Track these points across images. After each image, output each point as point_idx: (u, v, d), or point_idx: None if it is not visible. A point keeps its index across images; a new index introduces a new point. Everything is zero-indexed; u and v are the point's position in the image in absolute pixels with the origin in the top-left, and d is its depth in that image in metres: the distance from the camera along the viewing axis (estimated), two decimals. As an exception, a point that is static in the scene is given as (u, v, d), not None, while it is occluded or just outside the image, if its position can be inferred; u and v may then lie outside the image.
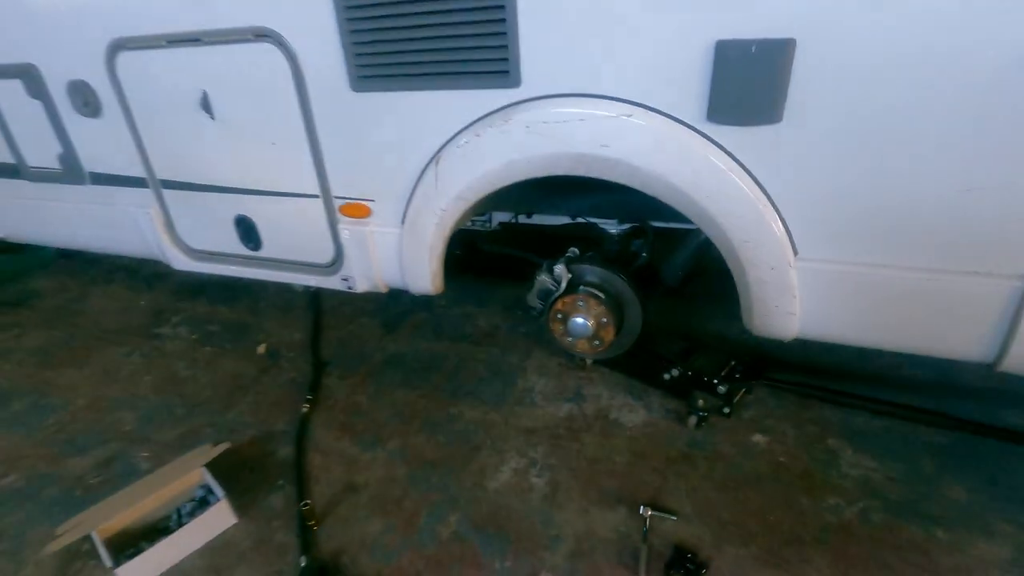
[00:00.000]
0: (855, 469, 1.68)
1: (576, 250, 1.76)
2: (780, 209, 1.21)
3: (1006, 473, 1.63)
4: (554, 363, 2.21)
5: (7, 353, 2.67)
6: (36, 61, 1.87)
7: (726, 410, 1.86)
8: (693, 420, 1.84)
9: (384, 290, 1.81)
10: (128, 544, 1.55)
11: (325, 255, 1.78)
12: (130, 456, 1.98)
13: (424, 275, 1.66)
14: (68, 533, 1.59)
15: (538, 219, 2.06)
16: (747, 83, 1.10)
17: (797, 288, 1.27)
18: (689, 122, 1.19)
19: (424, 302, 2.74)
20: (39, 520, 1.74)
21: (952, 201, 1.08)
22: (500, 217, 2.07)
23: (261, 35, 1.48)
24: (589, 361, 2.12)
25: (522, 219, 2.07)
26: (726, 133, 1.17)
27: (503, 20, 1.22)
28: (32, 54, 1.86)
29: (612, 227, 1.87)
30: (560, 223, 2.00)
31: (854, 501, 1.58)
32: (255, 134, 1.65)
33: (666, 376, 1.96)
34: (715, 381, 1.87)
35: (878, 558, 1.42)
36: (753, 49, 1.07)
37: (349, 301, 2.80)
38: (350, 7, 1.34)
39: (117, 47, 1.70)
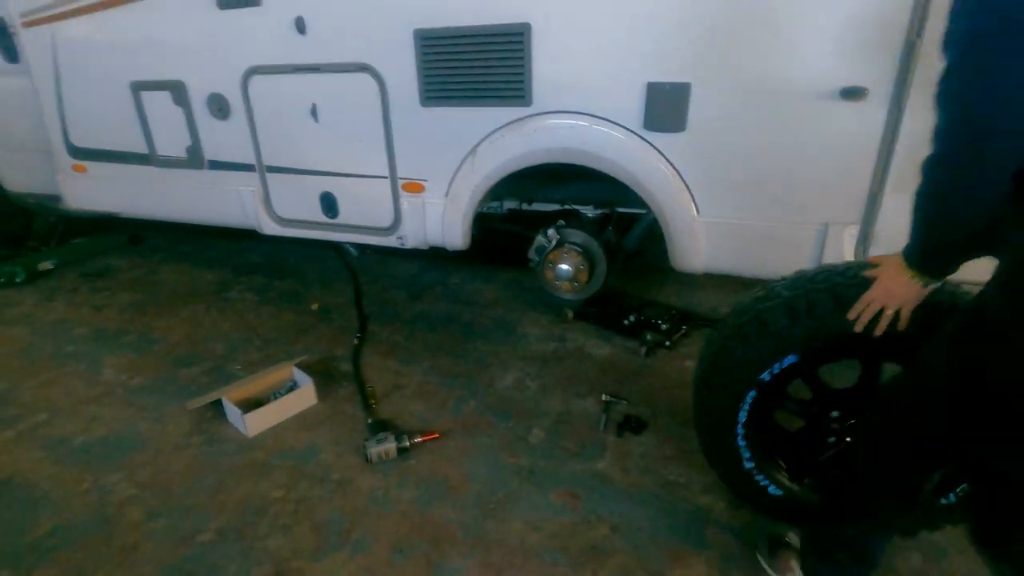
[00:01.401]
0: (753, 380, 2.41)
1: (563, 221, 2.53)
2: (688, 184, 1.98)
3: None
4: (544, 319, 2.93)
5: (105, 307, 3.32)
6: (184, 78, 2.64)
7: (667, 343, 2.59)
8: (643, 350, 2.56)
9: (426, 247, 2.54)
10: (245, 409, 2.20)
11: (386, 220, 2.52)
12: (227, 369, 2.64)
13: (458, 234, 2.40)
14: (201, 399, 2.26)
15: (537, 206, 2.83)
16: (665, 107, 1.89)
17: (700, 235, 2.03)
18: (634, 129, 1.97)
19: (442, 279, 3.47)
20: (169, 401, 2.38)
21: (779, 178, 1.86)
22: (509, 205, 2.84)
23: (363, 68, 2.26)
24: (570, 316, 2.85)
25: (524, 206, 2.85)
26: (655, 137, 1.95)
27: (522, 65, 2.01)
28: (182, 73, 2.63)
29: (589, 211, 2.64)
30: (551, 209, 2.77)
31: (749, 395, 2.30)
32: (346, 133, 2.41)
33: (625, 322, 2.70)
34: (659, 322, 2.61)
35: (758, 422, 2.14)
36: (667, 88, 1.87)
37: (380, 277, 3.52)
38: (424, 53, 2.13)
39: (252, 71, 2.47)
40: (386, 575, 1.58)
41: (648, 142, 1.97)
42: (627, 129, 1.97)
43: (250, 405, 2.21)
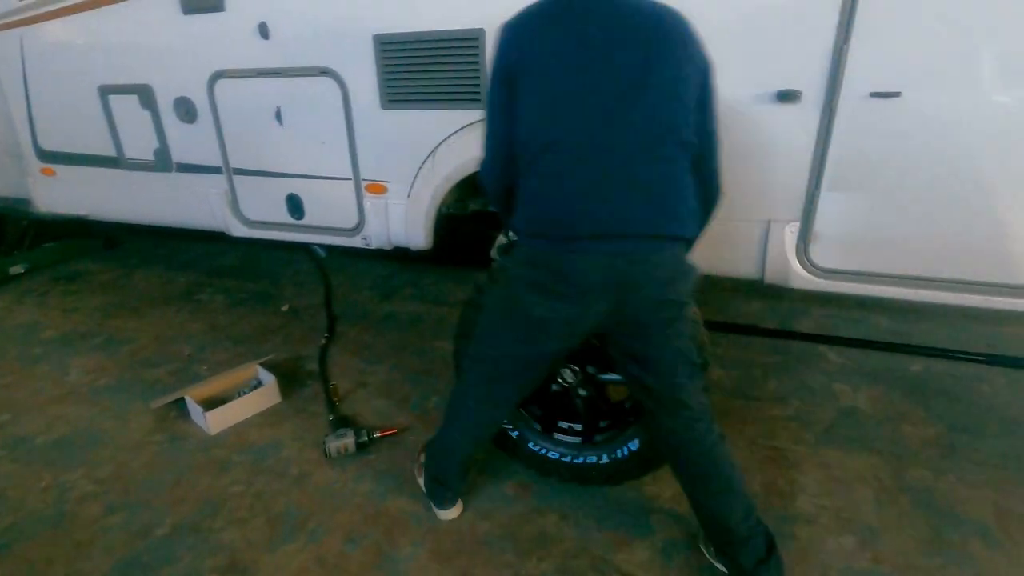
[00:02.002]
0: (710, 374, 2.47)
1: (525, 222, 2.59)
2: (638, 184, 2.05)
3: (802, 375, 2.44)
4: (511, 318, 2.98)
5: (75, 310, 3.33)
6: (151, 82, 2.67)
7: (628, 340, 2.65)
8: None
9: (390, 247, 2.59)
10: (208, 407, 2.23)
11: (351, 221, 2.56)
12: (193, 369, 2.66)
13: (421, 234, 2.44)
14: (164, 397, 2.28)
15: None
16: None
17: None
18: (585, 131, 2.03)
19: (413, 280, 3.52)
20: (134, 400, 2.40)
21: (727, 177, 1.93)
22: (473, 206, 2.90)
23: (325, 72, 2.30)
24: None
25: (489, 207, 2.90)
26: (605, 138, 2.02)
27: (477, 69, 2.07)
28: (149, 77, 2.66)
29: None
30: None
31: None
32: (310, 136, 2.45)
33: (589, 320, 2.75)
34: (620, 319, 2.67)
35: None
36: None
37: (352, 278, 3.56)
38: (384, 58, 2.18)
39: (217, 75, 2.51)
40: (337, 564, 1.61)
41: (599, 143, 2.03)
42: (579, 131, 2.04)
43: (214, 404, 2.23)
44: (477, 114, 2.14)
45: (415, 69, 2.16)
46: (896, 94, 1.67)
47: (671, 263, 1.33)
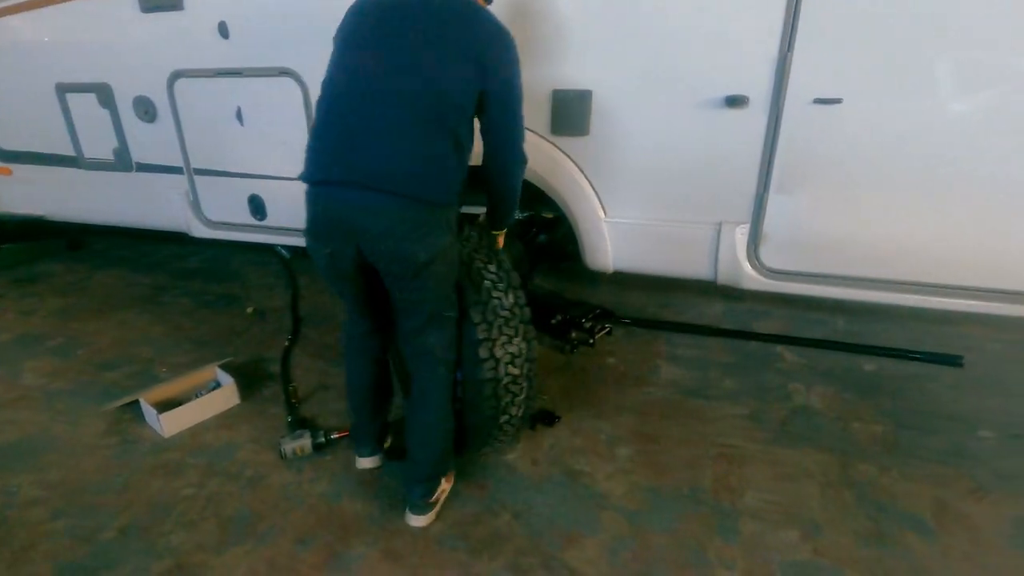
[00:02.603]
0: (668, 374, 2.51)
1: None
2: (594, 186, 2.08)
3: (759, 374, 2.49)
4: (477, 320, 3.00)
5: (33, 312, 3.26)
6: (110, 81, 2.63)
7: (591, 341, 2.68)
8: (567, 347, 2.65)
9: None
10: (165, 410, 2.20)
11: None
12: (152, 371, 2.63)
13: (383, 235, 2.45)
14: (118, 400, 2.25)
15: (466, 209, 2.89)
16: (569, 113, 1.99)
17: (607, 235, 2.13)
18: (542, 134, 2.06)
19: (382, 282, 3.51)
20: (88, 404, 2.36)
21: (677, 181, 1.97)
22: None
23: (285, 72, 2.30)
24: (502, 317, 2.92)
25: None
26: (562, 141, 2.05)
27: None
28: (108, 76, 2.63)
29: (517, 213, 2.72)
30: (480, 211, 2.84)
31: (662, 389, 2.40)
32: (271, 136, 2.44)
33: (552, 321, 2.78)
34: (582, 320, 2.70)
35: (665, 414, 2.23)
36: (571, 95, 1.97)
37: (319, 280, 3.53)
38: (344, 59, 2.19)
39: (177, 75, 2.49)
40: (287, 565, 1.60)
41: (556, 146, 2.06)
42: (536, 133, 2.06)
43: (170, 406, 2.20)
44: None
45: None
46: (837, 100, 1.73)
47: (404, 219, 1.46)
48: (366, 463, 1.95)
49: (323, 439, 2.03)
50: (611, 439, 2.10)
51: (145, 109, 2.62)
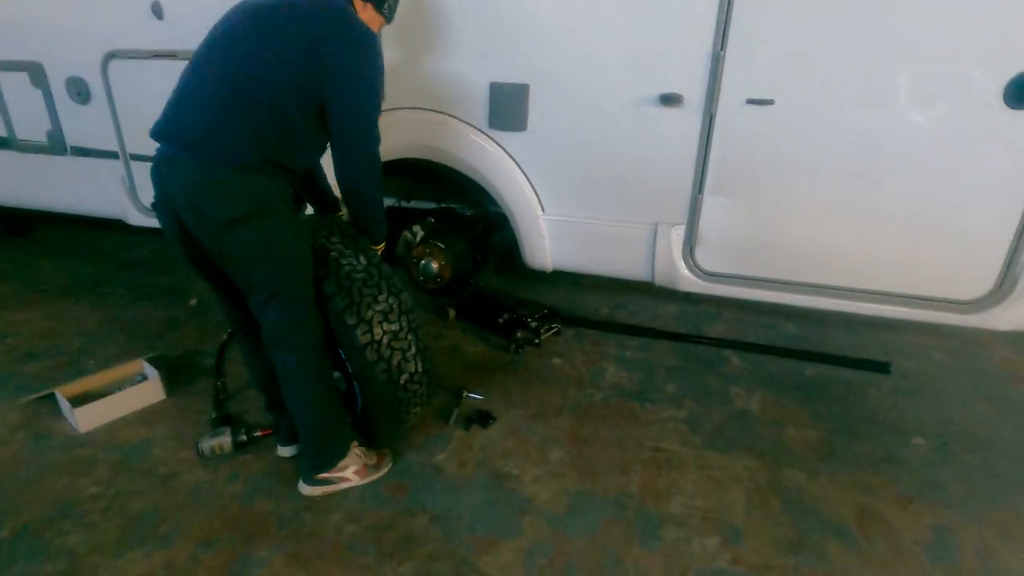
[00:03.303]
0: (612, 377, 2.48)
1: (432, 219, 2.55)
2: (532, 182, 2.04)
3: (703, 378, 2.47)
4: (425, 318, 2.94)
5: (-38, 300, 3.12)
6: (43, 60, 2.53)
7: (536, 341, 2.64)
8: (513, 347, 2.60)
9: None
10: (83, 403, 2.10)
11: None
12: (80, 363, 2.52)
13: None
14: (35, 394, 2.15)
15: (416, 203, 2.84)
16: (507, 107, 1.95)
17: (545, 233, 2.09)
18: (480, 127, 2.01)
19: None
20: (4, 398, 2.25)
21: (613, 179, 1.94)
22: (388, 201, 2.84)
23: (220, 56, 2.22)
24: (452, 315, 2.87)
25: (403, 203, 2.85)
26: (500, 135, 2.01)
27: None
28: (41, 54, 2.52)
29: (465, 210, 2.67)
30: (429, 207, 2.79)
31: (603, 391, 2.37)
32: (208, 123, 2.37)
33: (500, 320, 2.73)
34: (528, 319, 2.66)
35: (603, 416, 2.20)
36: (508, 88, 1.92)
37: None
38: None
39: (111, 55, 2.40)
40: (185, 568, 1.53)
41: (494, 140, 2.02)
42: (474, 127, 2.02)
43: (91, 400, 2.11)
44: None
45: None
46: (769, 102, 1.71)
47: (200, 178, 1.47)
48: (284, 451, 1.93)
49: (244, 437, 1.95)
50: (544, 441, 2.06)
51: (78, 90, 2.52)
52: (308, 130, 1.55)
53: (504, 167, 2.02)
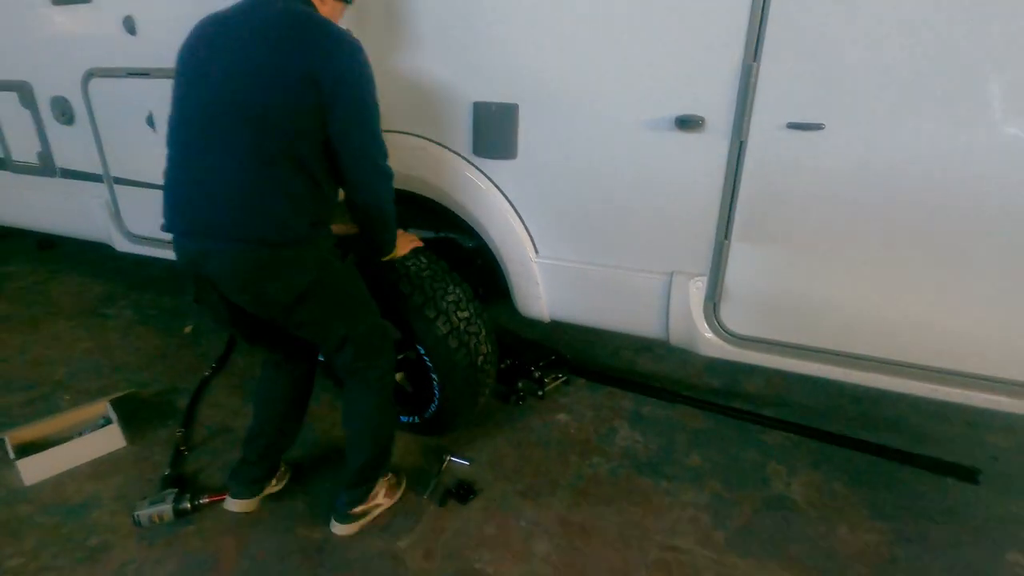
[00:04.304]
0: (625, 441, 2.11)
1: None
2: (524, 220, 1.72)
3: (735, 448, 2.07)
4: (425, 356, 2.66)
5: (-29, 319, 3.10)
6: (30, 79, 2.42)
7: (540, 393, 2.31)
8: (512, 398, 2.28)
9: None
10: (35, 451, 1.95)
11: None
12: (55, 398, 2.39)
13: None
14: (-12, 437, 2.00)
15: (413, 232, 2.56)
16: (493, 130, 1.63)
17: (539, 278, 1.76)
18: (463, 154, 1.71)
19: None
20: (-33, 435, 2.13)
21: (618, 219, 1.59)
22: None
23: (191, 74, 2.03)
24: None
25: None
26: (486, 164, 1.69)
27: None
28: (28, 73, 2.42)
29: (467, 241, 2.38)
30: (427, 236, 2.50)
31: (612, 460, 2.01)
32: (184, 145, 2.18)
33: (501, 365, 2.41)
34: (532, 368, 2.32)
35: (607, 496, 1.84)
36: (494, 109, 1.61)
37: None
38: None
39: (91, 74, 2.25)
40: None
41: (479, 169, 1.71)
42: (456, 154, 1.72)
43: (47, 446, 1.95)
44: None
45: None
46: (818, 126, 1.32)
47: (249, 266, 1.36)
48: (234, 505, 1.74)
49: (187, 504, 1.72)
50: (531, 528, 1.72)
51: (62, 110, 2.39)
52: (323, 167, 1.38)
53: (491, 201, 1.71)
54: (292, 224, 1.35)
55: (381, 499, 1.75)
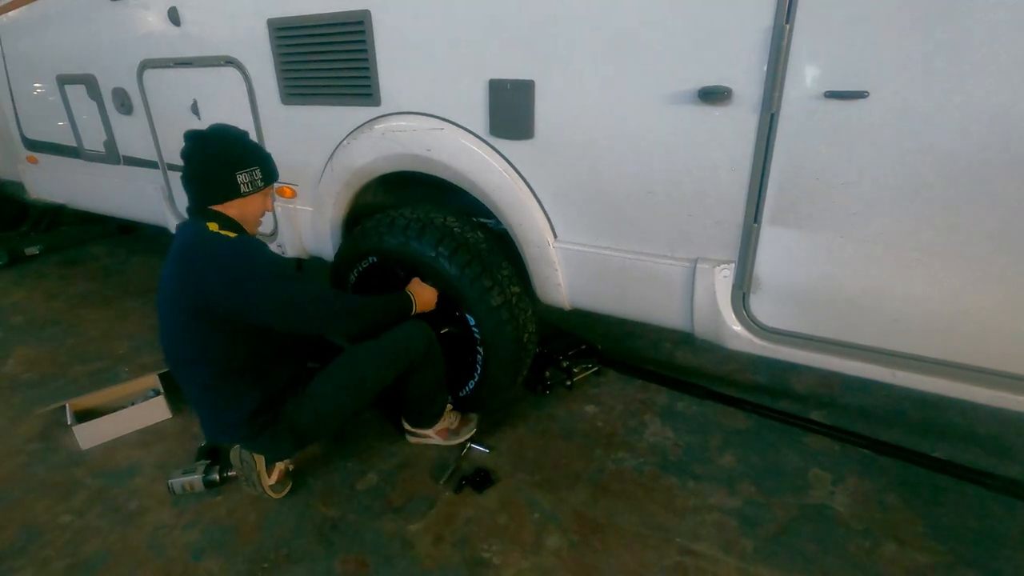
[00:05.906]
0: (654, 437, 2.01)
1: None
2: (542, 203, 1.64)
3: (775, 450, 1.91)
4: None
5: (57, 295, 3.41)
6: (95, 72, 2.59)
7: (568, 383, 2.24)
8: (539, 388, 2.22)
9: (307, 256, 2.34)
10: (91, 418, 2.10)
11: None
12: (116, 370, 2.58)
13: (328, 244, 2.17)
14: (52, 405, 2.19)
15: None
16: (509, 108, 1.56)
17: (559, 264, 1.68)
18: (479, 134, 1.65)
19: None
20: (41, 401, 2.33)
21: (639, 201, 1.48)
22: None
23: (229, 62, 2.08)
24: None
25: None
26: (502, 144, 1.63)
27: (366, 58, 1.74)
28: (93, 66, 2.59)
29: (498, 225, 2.33)
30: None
31: (638, 456, 1.91)
32: (225, 132, 2.25)
33: (531, 352, 2.36)
34: (560, 357, 2.25)
35: (628, 494, 1.76)
36: (509, 86, 1.54)
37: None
38: (279, 46, 1.92)
39: (145, 65, 2.38)
40: (103, 637, 1.39)
41: (495, 150, 1.65)
42: (472, 134, 1.66)
43: (103, 414, 2.10)
44: (371, 112, 1.83)
45: (308, 59, 1.89)
46: (861, 94, 1.16)
47: (258, 446, 1.69)
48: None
49: (216, 476, 1.80)
50: (545, 520, 1.67)
51: (122, 101, 2.54)
52: (260, 342, 1.58)
53: (508, 183, 1.64)
54: (244, 415, 1.61)
55: (432, 434, 1.96)
